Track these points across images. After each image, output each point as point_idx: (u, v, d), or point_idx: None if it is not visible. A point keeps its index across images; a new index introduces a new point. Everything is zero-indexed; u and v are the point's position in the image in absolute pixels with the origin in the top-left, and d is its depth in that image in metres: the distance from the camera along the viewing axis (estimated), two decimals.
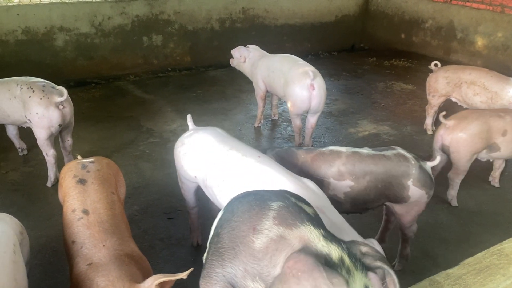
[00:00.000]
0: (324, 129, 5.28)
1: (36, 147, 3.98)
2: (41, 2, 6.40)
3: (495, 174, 4.13)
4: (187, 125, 3.03)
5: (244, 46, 5.16)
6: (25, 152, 4.45)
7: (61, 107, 3.65)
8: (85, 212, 2.11)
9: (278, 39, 8.26)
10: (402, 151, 2.79)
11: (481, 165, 4.15)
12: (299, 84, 4.25)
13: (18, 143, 4.39)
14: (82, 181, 2.29)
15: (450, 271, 1.49)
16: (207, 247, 1.80)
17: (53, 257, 3.08)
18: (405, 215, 2.83)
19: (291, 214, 1.52)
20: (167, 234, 3.36)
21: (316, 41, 8.75)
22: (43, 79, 3.78)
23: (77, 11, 6.48)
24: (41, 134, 3.70)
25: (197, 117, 5.42)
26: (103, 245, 1.95)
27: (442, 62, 5.07)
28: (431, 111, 5.10)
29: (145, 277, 1.81)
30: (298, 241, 1.43)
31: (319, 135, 5.07)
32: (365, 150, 2.80)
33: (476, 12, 7.57)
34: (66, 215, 2.17)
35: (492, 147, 3.60)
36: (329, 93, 4.88)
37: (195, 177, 2.73)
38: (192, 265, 3.00)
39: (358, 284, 1.27)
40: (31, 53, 6.29)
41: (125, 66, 7.04)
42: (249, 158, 2.46)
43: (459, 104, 4.81)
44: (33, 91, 3.59)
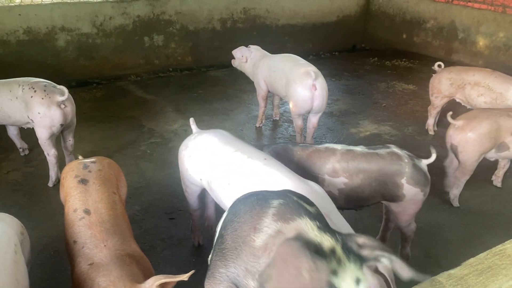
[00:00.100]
0: (326, 129, 5.28)
1: (38, 147, 3.99)
2: (42, 2, 6.41)
3: (499, 174, 4.12)
4: (188, 125, 3.04)
5: (246, 46, 5.16)
6: (27, 152, 4.45)
7: (63, 106, 3.66)
8: (87, 212, 2.11)
9: (280, 39, 8.26)
10: (396, 149, 2.81)
11: (483, 166, 4.14)
12: (301, 84, 4.24)
13: (19, 143, 4.39)
14: (83, 181, 2.29)
15: (452, 271, 1.48)
16: (212, 248, 1.82)
17: (54, 257, 3.08)
18: (401, 214, 2.84)
19: (290, 209, 1.54)
20: (168, 234, 3.36)
21: (317, 41, 8.74)
22: (44, 79, 3.78)
23: (79, 11, 6.49)
24: (43, 134, 3.70)
25: (198, 117, 5.44)
26: (105, 245, 1.95)
27: (443, 62, 5.06)
28: (433, 111, 5.09)
29: (146, 277, 1.81)
30: (293, 232, 1.44)
31: (321, 135, 5.07)
32: (359, 148, 2.84)
33: (477, 12, 7.56)
34: (67, 215, 2.17)
35: (501, 146, 3.59)
36: (330, 93, 4.88)
37: (200, 180, 2.69)
38: (193, 265, 3.02)
39: (348, 275, 1.27)
40: (32, 53, 6.30)
41: (126, 66, 7.04)
42: (255, 160, 2.44)
43: (463, 104, 4.80)
44: (35, 91, 3.60)
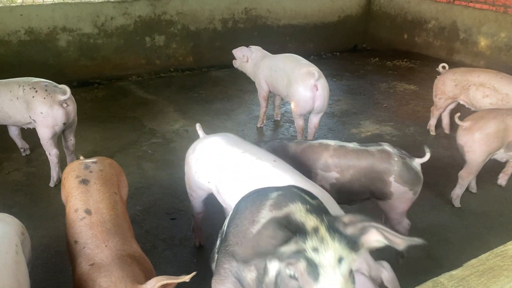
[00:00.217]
0: (327, 129, 5.27)
1: (39, 147, 3.99)
2: (44, 3, 6.42)
3: (508, 172, 4.10)
4: (189, 125, 3.04)
5: (247, 46, 5.16)
6: (28, 152, 4.45)
7: (64, 105, 3.66)
8: (88, 212, 2.11)
9: (281, 39, 8.26)
10: (387, 147, 2.84)
11: (484, 167, 4.13)
12: (303, 84, 4.24)
13: (20, 143, 4.40)
14: (84, 181, 2.29)
15: (453, 272, 1.48)
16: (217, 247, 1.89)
17: (55, 257, 3.09)
18: (390, 212, 2.88)
19: (286, 198, 1.59)
20: (169, 234, 3.36)
21: (318, 42, 8.74)
22: (44, 79, 3.78)
23: (80, 12, 6.49)
24: (45, 134, 3.70)
25: (199, 118, 5.44)
26: (106, 246, 1.95)
27: (444, 62, 5.06)
28: (436, 112, 5.07)
29: (148, 277, 1.81)
30: (282, 215, 1.47)
31: (322, 136, 5.06)
32: (351, 145, 2.90)
33: (479, 13, 7.55)
34: (68, 215, 2.17)
35: (509, 146, 3.59)
36: (331, 94, 4.87)
37: (208, 182, 2.66)
38: (195, 265, 3.01)
39: (331, 253, 1.30)
40: (34, 53, 6.30)
41: (127, 66, 7.05)
42: (264, 162, 2.41)
43: (467, 106, 4.77)
44: (36, 91, 3.60)
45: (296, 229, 1.36)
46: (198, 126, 3.00)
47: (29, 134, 4.23)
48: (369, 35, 9.35)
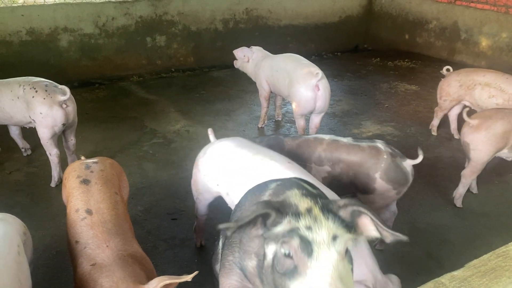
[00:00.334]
0: (328, 130, 5.27)
1: (40, 147, 3.99)
2: (45, 3, 6.43)
3: None
4: (190, 125, 3.04)
5: (248, 47, 5.16)
6: (29, 152, 4.45)
7: (64, 106, 3.66)
8: (89, 212, 2.11)
9: (282, 39, 8.25)
10: (379, 144, 2.87)
11: (485, 167, 4.13)
12: (304, 85, 4.23)
13: (21, 143, 4.40)
14: (85, 181, 2.30)
15: (455, 273, 1.48)
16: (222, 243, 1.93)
17: (56, 257, 3.09)
18: (369, 204, 2.89)
19: (284, 187, 1.60)
20: (170, 234, 3.36)
21: (319, 42, 8.73)
22: (45, 79, 3.79)
23: (81, 12, 6.49)
24: (44, 134, 3.70)
25: (200, 118, 5.44)
26: (107, 246, 1.95)
27: (446, 63, 5.07)
28: (440, 113, 5.03)
29: (149, 278, 1.81)
30: (279, 201, 1.48)
31: None
32: (345, 139, 2.96)
33: (480, 13, 7.54)
34: (69, 215, 2.17)
35: None
36: (332, 94, 4.87)
37: (217, 185, 2.62)
38: (196, 266, 3.01)
39: (324, 231, 1.31)
40: (35, 53, 6.31)
41: (128, 66, 7.05)
42: (276, 163, 2.37)
43: (472, 108, 4.72)
44: (36, 91, 3.60)
45: (290, 210, 1.39)
46: (210, 131, 2.96)
47: (30, 134, 4.23)
48: (370, 35, 9.34)
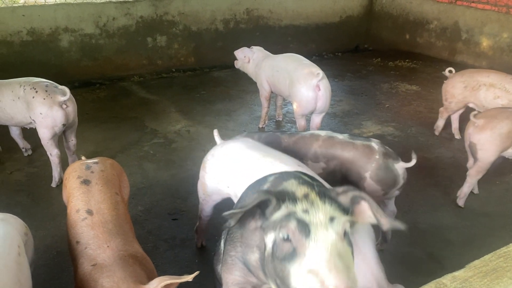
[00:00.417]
0: (329, 130, 5.25)
1: (41, 147, 3.99)
2: (46, 3, 6.43)
3: None
4: (191, 125, 3.03)
5: (248, 47, 5.16)
6: (30, 153, 4.46)
7: (64, 106, 3.66)
8: (89, 212, 2.11)
9: (283, 40, 8.25)
10: (374, 144, 2.86)
11: None
12: (305, 85, 4.23)
13: (22, 143, 4.40)
14: (86, 182, 2.29)
15: (456, 273, 1.48)
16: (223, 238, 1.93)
17: (57, 257, 3.09)
18: None
19: (282, 179, 1.61)
20: (171, 235, 3.35)
21: (320, 42, 8.73)
22: (45, 79, 3.79)
23: (82, 12, 6.50)
24: (44, 134, 3.71)
25: (201, 118, 5.44)
26: (108, 246, 1.94)
27: (447, 63, 5.06)
28: (445, 114, 4.98)
29: (149, 278, 1.81)
30: (277, 191, 1.50)
31: None
32: (340, 136, 2.98)
33: (481, 13, 7.53)
34: (70, 215, 2.17)
35: None
36: (333, 94, 4.87)
37: (227, 187, 2.57)
38: (196, 266, 3.01)
39: (321, 213, 1.34)
40: (36, 53, 6.31)
41: (129, 67, 7.05)
42: (288, 166, 2.34)
43: (477, 110, 4.69)
44: (36, 91, 3.60)
45: (287, 197, 1.41)
46: (216, 132, 2.95)
47: (31, 134, 4.23)
48: (371, 35, 9.34)
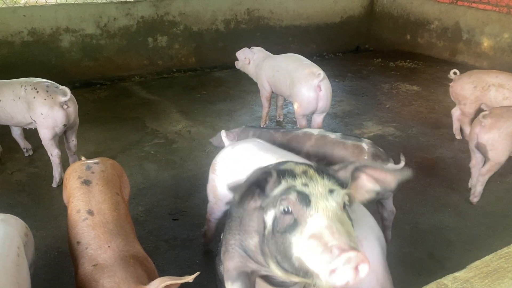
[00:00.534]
0: (329, 130, 5.24)
1: (42, 147, 4.00)
2: (47, 3, 6.44)
3: None
4: (192, 125, 3.03)
5: (249, 47, 5.16)
6: (30, 153, 4.46)
7: (65, 106, 3.66)
8: (90, 213, 2.11)
9: (283, 40, 8.25)
10: (365, 144, 2.84)
11: None
12: (306, 85, 4.23)
13: (23, 143, 4.40)
14: (86, 182, 2.29)
15: (457, 274, 1.47)
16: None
17: (58, 257, 3.09)
18: None
19: (281, 164, 1.61)
20: (171, 235, 3.35)
21: (321, 42, 8.73)
22: (46, 80, 3.79)
23: (83, 12, 6.50)
24: (45, 135, 3.71)
25: (202, 118, 5.44)
26: (108, 246, 1.94)
27: (448, 63, 5.05)
28: (466, 120, 4.75)
29: (150, 278, 1.81)
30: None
31: None
32: (332, 135, 2.95)
33: (482, 13, 7.52)
34: (70, 216, 2.17)
35: None
36: (334, 94, 4.86)
37: None
38: (197, 266, 3.01)
39: (320, 186, 1.37)
40: (37, 54, 6.32)
41: (130, 67, 7.05)
42: None
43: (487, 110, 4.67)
44: (37, 92, 3.61)
45: (286, 173, 1.44)
46: (223, 133, 2.93)
47: (32, 134, 4.24)
48: (371, 35, 9.33)
